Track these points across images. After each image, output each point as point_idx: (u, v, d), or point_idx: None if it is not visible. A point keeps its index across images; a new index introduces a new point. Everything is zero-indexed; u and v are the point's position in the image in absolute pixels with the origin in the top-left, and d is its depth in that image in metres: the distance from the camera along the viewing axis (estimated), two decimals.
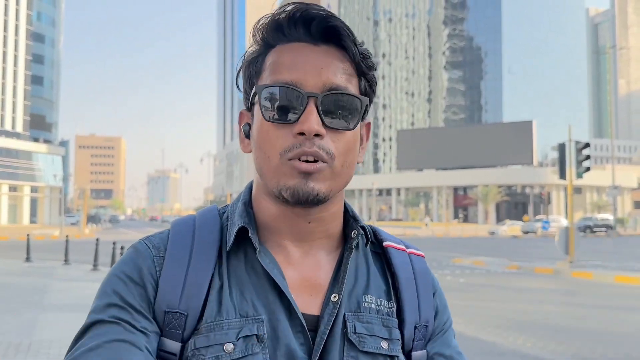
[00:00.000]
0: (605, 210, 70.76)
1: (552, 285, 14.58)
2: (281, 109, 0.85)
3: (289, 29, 0.88)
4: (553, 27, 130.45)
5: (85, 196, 43.88)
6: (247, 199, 0.97)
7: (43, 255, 21.48)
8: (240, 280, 0.89)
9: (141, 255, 0.90)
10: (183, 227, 0.94)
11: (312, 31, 0.88)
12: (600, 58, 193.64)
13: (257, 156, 0.90)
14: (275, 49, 0.89)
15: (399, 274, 0.98)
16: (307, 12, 0.87)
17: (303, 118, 0.84)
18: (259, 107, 0.88)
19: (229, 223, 0.94)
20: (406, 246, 1.03)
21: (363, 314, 0.92)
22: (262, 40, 0.91)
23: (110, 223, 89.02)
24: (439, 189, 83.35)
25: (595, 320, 9.64)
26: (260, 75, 0.90)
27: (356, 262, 0.96)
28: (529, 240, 41.07)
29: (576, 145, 19.17)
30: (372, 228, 1.01)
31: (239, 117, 0.96)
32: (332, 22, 0.87)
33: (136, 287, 0.86)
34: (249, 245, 0.91)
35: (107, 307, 0.85)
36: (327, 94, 0.86)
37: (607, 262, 20.45)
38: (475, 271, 17.61)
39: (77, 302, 10.43)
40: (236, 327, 0.85)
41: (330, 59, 0.87)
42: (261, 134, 0.88)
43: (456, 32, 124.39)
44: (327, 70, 0.86)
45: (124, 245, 14.47)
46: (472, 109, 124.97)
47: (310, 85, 0.85)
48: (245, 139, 0.95)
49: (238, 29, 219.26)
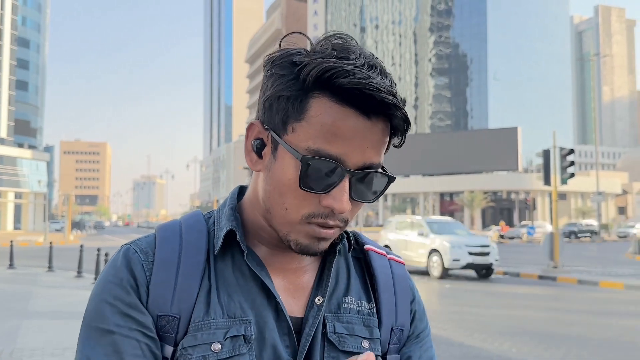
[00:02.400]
0: (590, 216, 71.32)
1: (538, 291, 14.66)
2: (317, 178, 0.83)
3: (348, 94, 0.82)
4: (538, 35, 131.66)
5: (70, 202, 43.40)
6: (234, 204, 0.97)
7: (27, 262, 21.23)
8: (228, 282, 0.90)
9: (131, 259, 0.89)
10: (169, 231, 0.94)
11: (370, 104, 0.82)
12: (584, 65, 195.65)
13: (272, 197, 0.88)
14: (325, 103, 0.83)
15: (378, 276, 0.99)
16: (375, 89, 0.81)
17: (336, 194, 0.84)
18: (292, 158, 0.85)
19: (216, 227, 0.94)
20: (386, 252, 1.04)
21: (343, 314, 0.94)
22: (314, 79, 0.83)
23: (95, 229, 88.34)
24: (425, 194, 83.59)
25: (581, 325, 9.69)
26: (300, 120, 0.84)
27: (337, 266, 0.98)
28: (514, 246, 41.26)
29: (561, 152, 19.32)
30: (354, 233, 1.02)
31: (249, 128, 0.91)
32: (390, 100, 0.82)
33: (134, 292, 0.87)
34: (236, 249, 0.92)
35: (114, 315, 0.85)
36: (363, 172, 0.85)
37: (591, 268, 20.60)
38: (461, 277, 17.66)
39: (61, 309, 10.32)
40: (224, 328, 0.86)
41: (378, 137, 0.85)
42: (286, 188, 0.86)
43: (442, 39, 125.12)
44: (372, 149, 0.84)
45: (108, 252, 14.35)
46: (458, 116, 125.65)
47: (351, 162, 0.83)
48: (254, 156, 0.91)
49: (225, 34, 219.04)
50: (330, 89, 0.83)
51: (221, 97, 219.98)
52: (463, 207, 78.14)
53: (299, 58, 0.86)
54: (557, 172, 19.17)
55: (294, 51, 0.88)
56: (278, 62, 0.88)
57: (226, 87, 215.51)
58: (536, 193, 75.37)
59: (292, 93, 0.85)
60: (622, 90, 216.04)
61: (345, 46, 0.85)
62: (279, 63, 0.88)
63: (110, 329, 0.84)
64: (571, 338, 8.48)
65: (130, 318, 0.85)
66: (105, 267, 0.92)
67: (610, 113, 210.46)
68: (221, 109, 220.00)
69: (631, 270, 19.93)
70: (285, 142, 0.85)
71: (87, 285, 14.15)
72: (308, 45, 0.91)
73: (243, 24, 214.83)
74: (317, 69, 0.82)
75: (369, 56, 0.86)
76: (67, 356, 6.83)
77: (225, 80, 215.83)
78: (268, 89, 0.88)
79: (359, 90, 0.81)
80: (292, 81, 0.85)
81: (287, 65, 0.86)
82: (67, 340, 7.66)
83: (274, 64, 0.88)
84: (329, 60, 0.82)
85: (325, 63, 0.82)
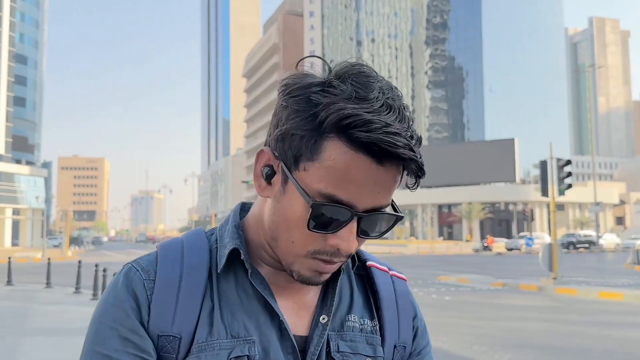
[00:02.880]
0: (588, 226, 71.34)
1: (537, 302, 14.63)
2: (326, 221, 0.83)
3: (361, 144, 0.80)
4: (533, 47, 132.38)
5: (68, 218, 43.29)
6: (238, 222, 0.97)
7: (25, 278, 21.16)
8: (231, 302, 0.89)
9: (132, 280, 0.89)
10: (171, 250, 0.93)
11: (383, 154, 0.81)
12: (579, 76, 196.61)
13: (279, 228, 0.88)
14: (341, 148, 0.81)
15: (381, 293, 0.99)
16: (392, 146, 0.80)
17: (343, 235, 0.84)
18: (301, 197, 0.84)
19: (219, 245, 0.94)
20: (389, 268, 1.04)
21: (347, 332, 0.94)
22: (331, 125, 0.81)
23: (93, 245, 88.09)
24: (423, 206, 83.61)
25: (580, 336, 9.67)
26: (313, 160, 0.83)
27: (341, 284, 0.98)
28: (513, 257, 41.23)
29: (557, 163, 19.37)
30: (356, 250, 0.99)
31: (260, 154, 0.90)
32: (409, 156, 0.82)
33: (135, 314, 0.87)
34: (239, 267, 0.92)
35: (113, 339, 0.85)
36: (372, 214, 0.84)
37: (590, 278, 20.58)
38: (460, 289, 17.63)
39: (59, 326, 10.28)
40: (227, 348, 0.86)
41: (389, 182, 0.84)
42: (294, 224, 0.85)
43: (438, 52, 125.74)
44: (382, 194, 0.84)
45: (106, 268, 14.30)
46: (455, 128, 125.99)
47: (361, 205, 0.83)
48: (263, 182, 0.90)
49: (222, 49, 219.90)
50: (346, 135, 0.81)
51: (219, 111, 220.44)
52: (461, 219, 78.14)
53: (315, 97, 0.83)
54: (555, 183, 19.20)
55: (311, 82, 0.85)
56: (294, 95, 0.85)
57: (224, 101, 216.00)
58: (534, 204, 75.43)
59: (307, 133, 0.83)
60: (618, 100, 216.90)
61: (364, 83, 0.83)
62: (295, 96, 0.85)
63: (107, 354, 0.84)
64: (571, 349, 8.46)
65: (129, 342, 0.85)
66: (107, 288, 0.92)
67: (607, 123, 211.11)
68: (219, 123, 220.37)
69: (630, 281, 19.91)
70: (297, 179, 0.84)
71: (85, 301, 14.10)
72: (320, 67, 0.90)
73: (240, 39, 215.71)
74: (335, 115, 0.80)
75: (387, 90, 0.84)
76: None
77: (223, 95, 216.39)
78: (282, 122, 0.86)
79: (376, 145, 0.80)
80: (308, 119, 0.83)
81: (304, 101, 0.84)
82: (66, 357, 7.63)
83: (290, 95, 0.86)
84: (347, 105, 0.80)
85: (344, 110, 0.80)
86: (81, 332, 9.47)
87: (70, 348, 8.21)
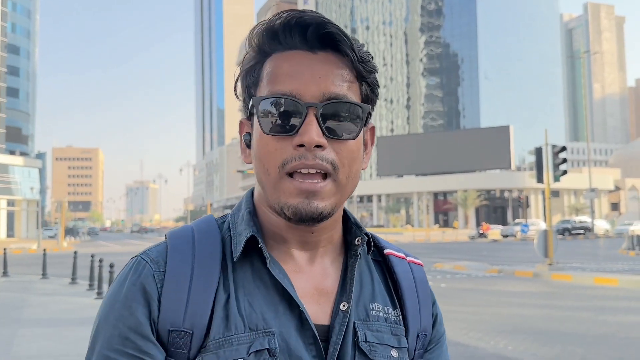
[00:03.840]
0: (583, 212, 71.58)
1: (532, 288, 14.69)
2: (280, 120, 0.83)
3: (284, 36, 0.85)
4: (528, 33, 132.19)
5: (63, 209, 43.20)
6: (252, 208, 0.94)
7: (20, 269, 21.12)
8: (249, 291, 0.86)
9: (140, 273, 0.86)
10: (181, 239, 0.90)
11: (309, 38, 0.85)
12: (574, 62, 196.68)
13: (257, 169, 0.87)
14: (272, 58, 0.87)
15: (402, 282, 0.97)
16: (302, 19, 0.84)
17: (303, 129, 0.82)
18: (257, 119, 0.86)
19: (233, 233, 0.91)
20: (405, 254, 1.03)
21: (372, 322, 0.91)
22: (257, 48, 0.88)
23: (88, 235, 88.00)
24: (419, 194, 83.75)
25: (576, 322, 9.72)
26: (258, 85, 0.88)
27: (360, 270, 0.95)
28: (508, 244, 41.39)
29: (553, 149, 19.37)
30: (371, 235, 0.98)
31: (239, 126, 0.94)
32: (329, 29, 0.84)
33: (142, 310, 0.83)
34: (254, 256, 0.89)
35: (113, 338, 0.83)
36: (327, 104, 0.83)
37: (585, 264, 20.68)
38: (456, 276, 17.69)
39: (56, 317, 10.27)
40: (246, 342, 0.83)
41: (328, 67, 0.85)
42: (260, 146, 0.86)
43: (433, 39, 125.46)
44: (326, 79, 0.84)
45: (102, 258, 14.28)
46: (450, 115, 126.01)
47: (309, 95, 0.83)
48: (246, 149, 0.93)
49: (216, 39, 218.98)
50: (272, 46, 0.87)
51: (213, 100, 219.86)
52: (457, 207, 78.32)
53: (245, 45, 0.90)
54: (550, 169, 19.22)
55: None
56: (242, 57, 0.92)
57: (218, 91, 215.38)
58: (529, 191, 75.64)
59: (249, 73, 0.89)
60: (613, 86, 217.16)
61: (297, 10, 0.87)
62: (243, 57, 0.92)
63: (106, 354, 0.82)
64: (566, 335, 8.50)
65: (129, 342, 0.82)
66: (114, 281, 0.89)
67: (602, 110, 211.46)
68: (213, 112, 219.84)
69: (625, 266, 20.03)
70: (253, 113, 0.88)
71: (81, 292, 14.10)
72: None
73: (233, 28, 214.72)
74: (255, 32, 0.88)
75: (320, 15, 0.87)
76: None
77: (217, 84, 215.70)
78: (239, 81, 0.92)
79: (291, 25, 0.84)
80: (246, 63, 0.90)
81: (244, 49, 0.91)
82: (62, 347, 7.62)
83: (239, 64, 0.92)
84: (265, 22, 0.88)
85: (262, 23, 0.88)
86: (78, 322, 9.47)
87: (66, 339, 8.20)
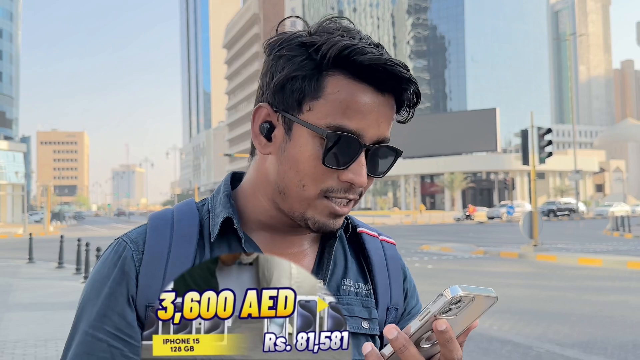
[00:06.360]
0: (568, 194, 72.22)
1: (518, 269, 14.85)
2: (337, 151, 0.85)
3: (370, 71, 0.84)
4: (514, 15, 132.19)
5: (49, 193, 42.86)
6: (229, 191, 0.97)
7: (6, 254, 21.04)
8: None
9: (120, 253, 0.89)
10: (161, 220, 0.93)
11: (385, 80, 0.86)
12: (560, 45, 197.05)
13: (288, 176, 0.88)
14: (342, 80, 0.85)
15: (373, 258, 1.01)
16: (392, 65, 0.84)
17: (354, 169, 0.85)
18: (310, 135, 0.86)
19: (211, 215, 0.94)
20: (378, 233, 1.06)
21: (342, 296, 0.95)
22: (333, 58, 0.84)
23: (75, 220, 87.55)
24: (406, 177, 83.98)
25: (560, 302, 9.85)
26: (317, 98, 0.86)
27: (335, 249, 0.99)
28: (494, 226, 41.71)
29: (538, 131, 19.48)
30: (347, 216, 1.02)
31: (256, 111, 0.92)
32: (404, 74, 0.86)
33: (121, 289, 0.87)
34: (232, 237, 0.92)
35: (92, 316, 0.86)
36: (377, 147, 0.87)
37: (570, 245, 20.91)
38: (443, 257, 17.82)
39: (42, 301, 10.25)
40: None
41: (390, 112, 0.88)
42: (307, 163, 0.86)
43: (420, 21, 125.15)
44: (385, 124, 0.87)
45: (89, 242, 14.23)
46: (437, 98, 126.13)
47: (368, 137, 0.86)
48: (262, 139, 0.91)
49: (201, 21, 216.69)
50: (346, 67, 0.85)
51: (199, 83, 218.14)
52: (444, 189, 78.70)
53: (309, 40, 0.87)
54: (535, 151, 19.33)
55: (298, 34, 0.89)
56: (285, 45, 0.88)
57: (204, 74, 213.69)
58: (515, 173, 76.10)
59: (307, 72, 0.86)
60: (599, 69, 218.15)
61: (348, 27, 0.88)
62: (287, 45, 0.88)
63: (85, 330, 0.85)
64: (551, 314, 8.62)
65: (109, 320, 0.85)
66: (97, 262, 0.92)
67: (587, 92, 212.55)
68: (200, 95, 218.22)
69: (609, 247, 20.28)
70: (303, 120, 0.86)
71: (68, 276, 14.06)
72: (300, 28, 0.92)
73: (219, 9, 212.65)
74: (335, 47, 0.84)
75: (369, 37, 0.89)
76: (49, 347, 6.79)
77: (203, 67, 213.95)
78: (277, 71, 0.88)
79: (377, 67, 0.83)
80: (305, 61, 0.86)
81: (297, 47, 0.87)
82: (49, 331, 7.62)
83: (281, 46, 0.88)
84: (343, 39, 0.85)
85: (342, 42, 0.84)
86: (65, 306, 9.45)
87: (54, 322, 8.20)
